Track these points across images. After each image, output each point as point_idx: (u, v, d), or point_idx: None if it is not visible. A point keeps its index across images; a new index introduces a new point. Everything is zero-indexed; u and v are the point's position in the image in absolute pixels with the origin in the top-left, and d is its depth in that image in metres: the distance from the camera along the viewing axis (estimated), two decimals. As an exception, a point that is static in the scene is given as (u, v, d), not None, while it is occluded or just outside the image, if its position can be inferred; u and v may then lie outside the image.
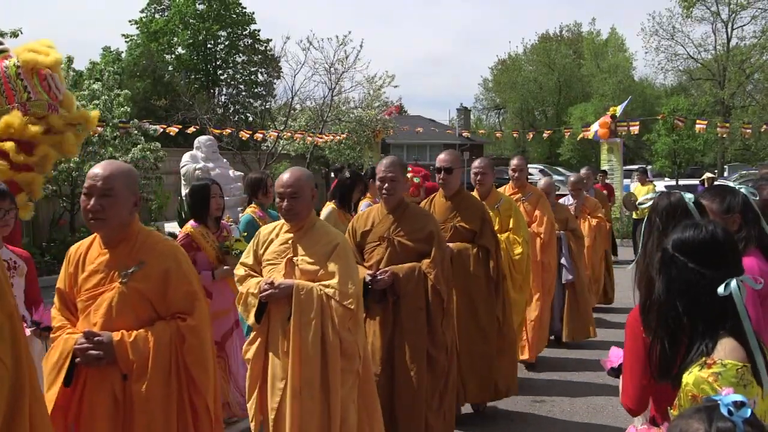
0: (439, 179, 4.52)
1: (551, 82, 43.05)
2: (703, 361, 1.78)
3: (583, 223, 7.41)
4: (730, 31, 34.57)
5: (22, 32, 11.46)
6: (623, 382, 2.16)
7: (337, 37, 19.00)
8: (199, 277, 2.82)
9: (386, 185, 3.81)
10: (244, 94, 34.49)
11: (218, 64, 34.58)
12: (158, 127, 14.66)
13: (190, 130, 15.46)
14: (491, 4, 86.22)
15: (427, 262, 3.76)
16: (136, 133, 13.44)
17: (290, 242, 3.22)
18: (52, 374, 2.51)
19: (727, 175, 24.79)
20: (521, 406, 5.08)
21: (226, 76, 34.83)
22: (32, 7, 59.90)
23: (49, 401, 2.38)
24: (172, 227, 12.46)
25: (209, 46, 34.10)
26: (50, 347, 2.60)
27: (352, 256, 3.29)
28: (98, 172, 2.52)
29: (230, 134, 17.09)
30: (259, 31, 34.81)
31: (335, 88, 19.63)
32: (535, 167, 27.20)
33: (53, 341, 2.60)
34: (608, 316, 7.88)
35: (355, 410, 3.09)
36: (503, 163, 28.95)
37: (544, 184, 6.58)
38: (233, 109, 33.53)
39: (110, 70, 14.91)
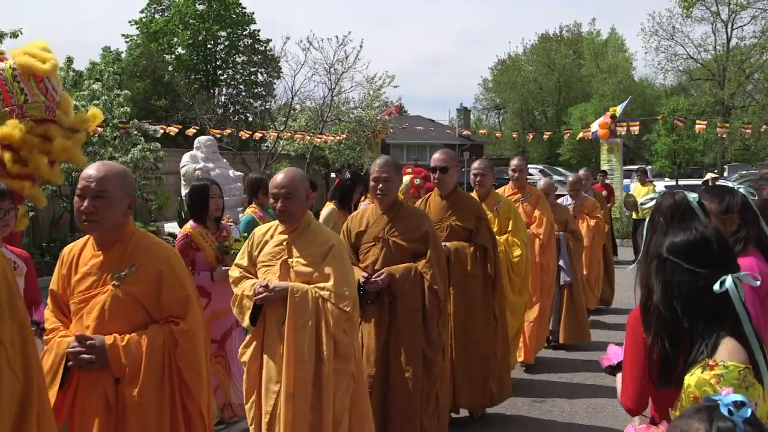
0: (434, 178, 4.49)
1: (551, 82, 43.06)
2: (705, 362, 1.78)
3: (581, 223, 7.40)
4: (730, 31, 34.60)
5: (22, 33, 11.43)
6: (623, 381, 2.15)
7: (336, 37, 19.01)
8: (193, 280, 2.78)
9: (380, 185, 3.77)
10: (244, 94, 34.48)
11: (218, 64, 34.58)
12: (158, 127, 14.67)
13: (189, 131, 15.44)
14: (491, 4, 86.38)
15: (423, 262, 3.73)
16: (136, 133, 13.44)
17: (285, 244, 3.18)
18: (47, 378, 2.48)
19: (726, 175, 24.77)
20: (521, 407, 5.06)
21: (226, 76, 34.83)
22: (32, 7, 60.04)
23: None
24: (172, 227, 12.47)
25: (209, 46, 34.10)
26: (44, 349, 2.58)
27: (347, 257, 3.26)
28: (92, 173, 2.49)
29: (230, 134, 17.08)
30: (258, 31, 34.89)
31: (335, 88, 19.63)
32: (534, 167, 27.18)
33: (46, 343, 2.58)
34: (608, 317, 7.87)
35: (347, 412, 3.06)
36: (503, 163, 28.94)
37: (543, 184, 6.57)
38: (233, 109, 33.53)
39: (110, 70, 14.92)
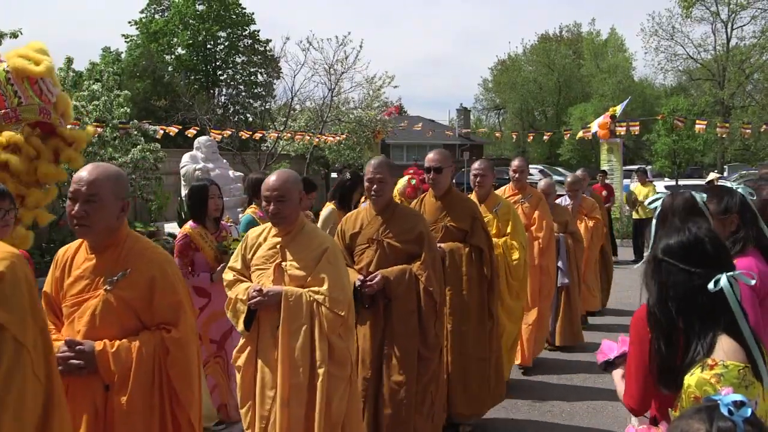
0: (428, 179, 4.45)
1: (551, 82, 43.07)
2: (704, 362, 1.78)
3: (579, 224, 7.39)
4: (729, 31, 34.65)
5: (21, 33, 11.40)
6: (626, 382, 2.14)
7: (336, 37, 19.05)
8: (188, 287, 2.72)
9: (374, 186, 3.74)
10: (243, 94, 34.48)
11: (218, 64, 34.60)
12: (158, 128, 14.66)
13: (189, 132, 15.45)
14: (491, 4, 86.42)
15: (418, 264, 3.70)
16: (135, 133, 13.44)
17: (278, 247, 3.14)
18: None
19: (726, 175, 24.76)
20: (520, 407, 5.06)
21: (225, 76, 34.84)
22: (32, 7, 60.13)
23: None
24: (171, 228, 12.47)
25: (209, 46, 34.11)
26: None
27: (341, 260, 3.22)
28: (83, 175, 2.42)
29: (230, 135, 17.08)
30: (258, 31, 34.91)
31: (335, 88, 19.65)
32: (534, 168, 27.18)
33: None
34: (607, 317, 7.87)
35: (343, 417, 3.03)
36: (503, 163, 28.95)
37: (544, 184, 6.53)
38: (233, 109, 33.53)
39: (110, 70, 14.94)
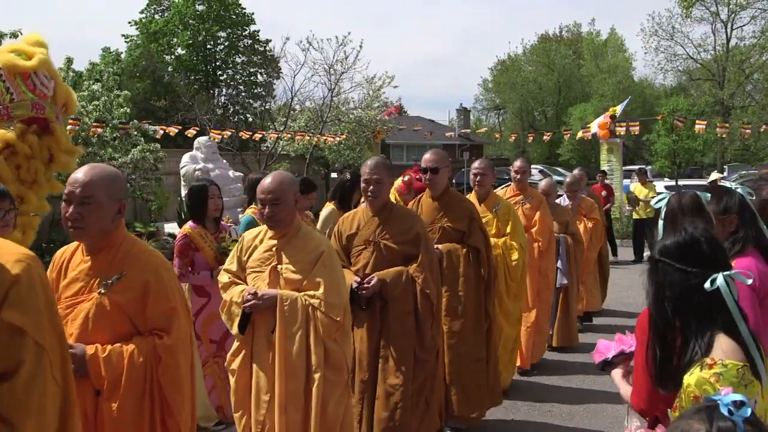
0: (425, 179, 4.42)
1: (551, 82, 43.05)
2: (703, 361, 1.78)
3: (578, 224, 7.39)
4: (729, 31, 34.64)
5: (21, 33, 11.41)
6: (634, 382, 2.14)
7: (336, 37, 19.06)
8: (183, 292, 2.67)
9: (371, 187, 3.70)
10: (243, 94, 34.49)
11: (218, 64, 34.60)
12: (158, 128, 14.66)
13: (189, 132, 15.45)
14: (491, 4, 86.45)
15: (414, 266, 3.67)
16: (135, 134, 13.45)
17: (274, 250, 3.11)
18: None
19: (726, 175, 24.77)
20: (520, 408, 5.06)
21: (225, 76, 34.85)
22: (32, 7, 60.13)
23: None
24: (171, 228, 12.45)
25: (209, 46, 34.12)
26: None
27: (338, 263, 3.19)
28: (78, 177, 2.37)
29: (230, 135, 17.09)
30: (258, 31, 34.91)
31: (335, 88, 19.65)
32: (534, 168, 27.17)
33: None
34: (607, 318, 7.86)
35: (340, 422, 3.02)
36: (503, 163, 28.98)
37: (545, 185, 6.50)
38: (233, 109, 33.54)
39: (110, 70, 14.97)
